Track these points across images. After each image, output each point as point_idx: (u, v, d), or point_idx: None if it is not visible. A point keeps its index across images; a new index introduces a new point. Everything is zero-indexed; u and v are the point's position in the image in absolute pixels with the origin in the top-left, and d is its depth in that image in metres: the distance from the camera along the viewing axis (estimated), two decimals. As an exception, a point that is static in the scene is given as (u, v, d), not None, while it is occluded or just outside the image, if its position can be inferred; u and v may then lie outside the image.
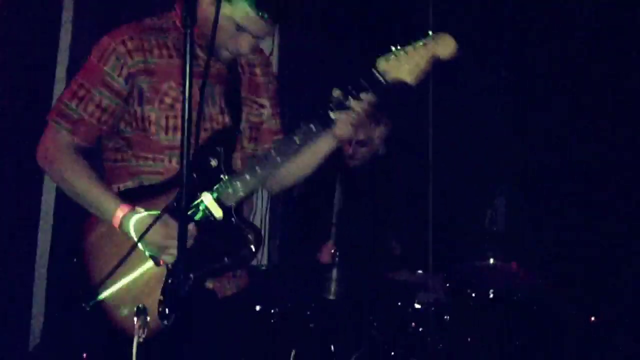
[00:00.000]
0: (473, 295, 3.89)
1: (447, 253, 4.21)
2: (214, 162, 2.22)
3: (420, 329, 3.69)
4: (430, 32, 2.25)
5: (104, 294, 2.17)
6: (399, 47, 2.24)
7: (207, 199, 2.19)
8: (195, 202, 2.18)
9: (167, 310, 2.11)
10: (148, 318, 1.97)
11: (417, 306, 3.77)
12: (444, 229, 4.32)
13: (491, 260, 3.95)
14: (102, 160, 2.35)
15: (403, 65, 2.22)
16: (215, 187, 2.20)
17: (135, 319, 1.93)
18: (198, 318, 2.09)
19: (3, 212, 3.46)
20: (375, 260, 3.93)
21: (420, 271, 3.99)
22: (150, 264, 2.18)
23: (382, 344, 3.59)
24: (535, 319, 3.93)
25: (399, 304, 3.76)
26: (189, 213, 2.14)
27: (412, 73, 2.23)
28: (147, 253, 2.16)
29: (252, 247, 2.23)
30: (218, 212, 2.19)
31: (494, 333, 3.83)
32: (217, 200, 2.19)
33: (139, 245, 2.10)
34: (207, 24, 2.12)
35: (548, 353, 3.89)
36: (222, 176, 2.22)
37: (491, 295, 3.86)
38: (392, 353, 3.58)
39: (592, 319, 4.04)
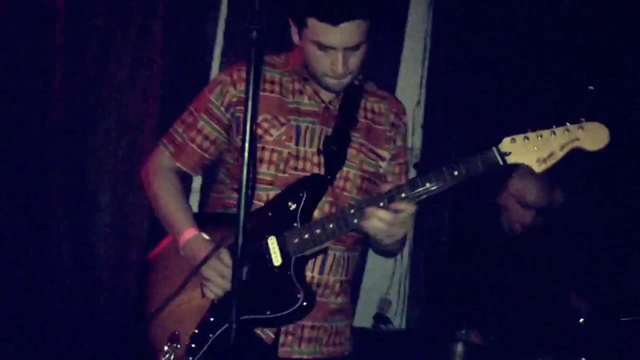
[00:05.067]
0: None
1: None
2: (292, 206, 2.10)
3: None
4: (582, 119, 2.00)
5: (152, 309, 2.14)
6: (534, 129, 2.01)
7: (272, 243, 2.08)
8: (259, 243, 2.08)
9: (194, 346, 2.04)
10: (177, 347, 1.95)
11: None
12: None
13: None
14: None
15: (533, 149, 2.00)
16: (284, 232, 2.08)
17: (166, 345, 1.92)
18: None
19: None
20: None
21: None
22: (199, 291, 2.11)
23: None
24: None
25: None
26: (252, 253, 2.05)
27: (542, 161, 2.00)
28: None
29: (299, 309, 2.05)
30: (277, 260, 2.07)
31: None
32: (281, 247, 2.07)
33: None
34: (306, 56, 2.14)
35: None
36: (295, 223, 2.09)
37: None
38: None
39: None
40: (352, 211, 2.04)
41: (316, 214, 2.13)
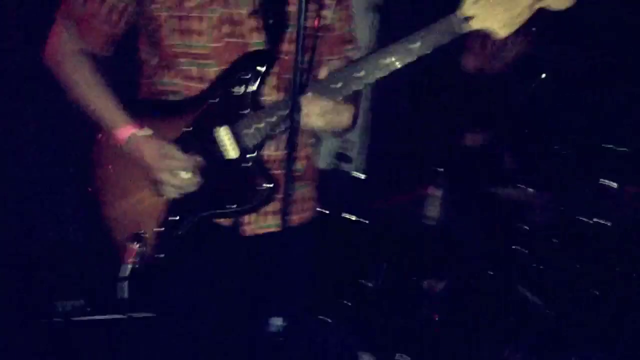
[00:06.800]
0: (590, 222, 3.42)
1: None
2: (239, 90, 1.89)
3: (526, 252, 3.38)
4: None
5: (108, 212, 2.02)
6: None
7: (224, 135, 1.91)
8: (209, 135, 1.91)
9: (161, 243, 1.94)
10: (144, 247, 1.86)
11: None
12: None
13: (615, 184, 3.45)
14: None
15: (497, 11, 1.76)
16: (235, 121, 1.90)
17: (130, 244, 1.83)
18: (206, 254, 1.97)
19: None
20: (482, 175, 3.59)
21: (530, 189, 3.57)
22: (151, 190, 1.98)
23: (484, 269, 3.32)
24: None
25: (503, 224, 3.44)
26: (202, 147, 1.91)
27: (506, 24, 1.77)
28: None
29: (265, 197, 1.93)
30: (233, 152, 1.91)
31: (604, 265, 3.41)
32: (235, 138, 1.90)
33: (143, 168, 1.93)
34: None
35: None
36: (246, 110, 1.90)
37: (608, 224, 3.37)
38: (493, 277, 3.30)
39: None
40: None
41: (265, 90, 1.94)
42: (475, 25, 1.78)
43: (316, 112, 1.85)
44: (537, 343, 3.17)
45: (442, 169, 3.24)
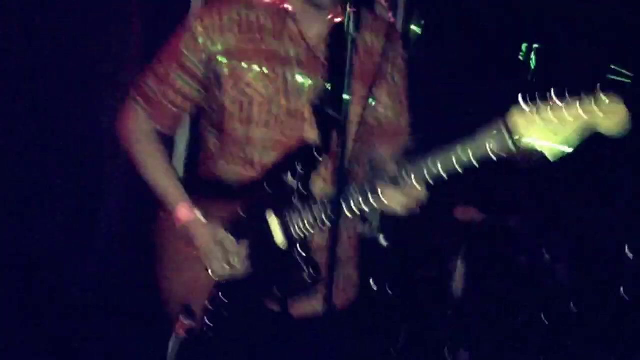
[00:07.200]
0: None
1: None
2: (289, 179, 1.96)
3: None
4: (598, 88, 1.60)
5: (162, 284, 2.12)
6: (539, 100, 1.66)
7: (273, 222, 1.97)
8: (260, 220, 1.97)
9: (209, 320, 2.01)
10: (194, 321, 1.95)
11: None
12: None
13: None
14: None
15: (546, 127, 1.65)
16: (284, 211, 1.96)
17: (181, 317, 1.93)
18: (253, 334, 2.03)
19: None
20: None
21: (546, 256, 3.64)
22: (203, 267, 2.05)
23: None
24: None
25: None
26: (251, 232, 1.99)
27: (556, 142, 1.66)
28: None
29: (309, 287, 1.96)
30: (279, 239, 1.97)
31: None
32: (283, 226, 1.96)
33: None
34: None
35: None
36: (294, 199, 1.96)
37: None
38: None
39: None
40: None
41: (316, 181, 1.99)
42: (522, 141, 1.69)
43: (396, 201, 1.87)
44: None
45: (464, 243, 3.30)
